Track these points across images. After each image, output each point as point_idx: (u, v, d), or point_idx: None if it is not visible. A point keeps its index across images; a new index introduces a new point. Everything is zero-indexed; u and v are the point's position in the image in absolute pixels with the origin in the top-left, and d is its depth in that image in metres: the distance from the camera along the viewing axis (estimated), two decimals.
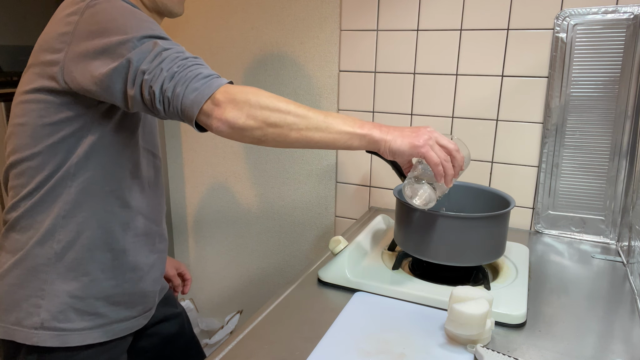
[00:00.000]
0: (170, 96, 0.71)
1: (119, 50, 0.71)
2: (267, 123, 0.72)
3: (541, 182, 1.25)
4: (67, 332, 0.84)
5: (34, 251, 0.82)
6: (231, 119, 0.70)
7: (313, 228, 1.59)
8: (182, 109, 0.71)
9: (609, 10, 1.11)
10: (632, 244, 1.05)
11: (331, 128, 0.75)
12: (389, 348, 0.75)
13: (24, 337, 0.83)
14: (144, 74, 0.71)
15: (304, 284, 0.98)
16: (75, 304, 0.84)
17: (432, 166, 0.78)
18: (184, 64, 0.71)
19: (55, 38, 0.76)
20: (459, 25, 1.26)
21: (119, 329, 0.91)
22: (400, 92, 1.37)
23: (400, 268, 1.00)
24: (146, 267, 0.94)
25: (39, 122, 0.79)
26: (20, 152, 0.81)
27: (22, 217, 0.83)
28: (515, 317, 0.82)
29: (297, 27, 1.45)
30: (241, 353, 0.76)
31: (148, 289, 0.96)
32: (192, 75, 0.71)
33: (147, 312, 0.98)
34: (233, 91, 0.71)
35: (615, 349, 0.77)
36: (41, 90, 0.78)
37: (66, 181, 0.81)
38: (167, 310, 1.11)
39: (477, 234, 0.90)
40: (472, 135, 1.31)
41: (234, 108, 0.70)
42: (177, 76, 0.70)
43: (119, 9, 0.74)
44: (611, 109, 1.15)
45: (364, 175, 1.47)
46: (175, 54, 0.72)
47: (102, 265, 0.86)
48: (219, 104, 0.70)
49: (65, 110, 0.79)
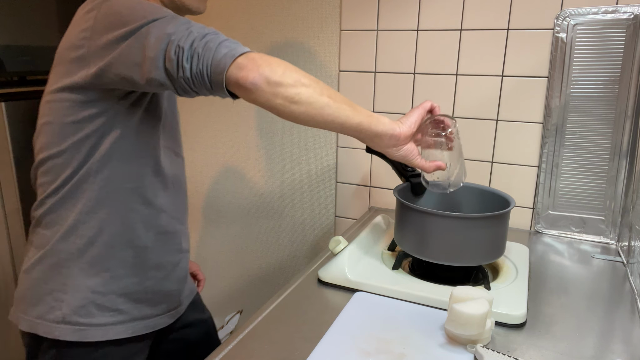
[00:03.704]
0: (200, 52, 0.70)
1: (142, 30, 0.71)
2: (301, 83, 0.72)
3: (541, 182, 1.25)
4: (87, 327, 0.85)
5: (58, 246, 0.84)
6: (268, 72, 0.70)
7: (313, 228, 1.59)
8: (212, 63, 0.70)
9: (609, 10, 1.11)
10: (632, 244, 1.05)
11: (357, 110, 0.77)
12: (389, 348, 0.75)
13: (46, 330, 0.84)
14: (170, 36, 0.70)
15: (304, 284, 0.98)
16: (97, 299, 0.86)
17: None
18: (213, 31, 0.72)
19: (76, 35, 0.77)
20: (459, 25, 1.26)
21: (140, 327, 0.92)
22: (400, 92, 1.37)
23: (400, 268, 1.00)
24: (170, 265, 0.94)
25: (63, 120, 0.81)
26: (47, 150, 0.83)
27: (47, 213, 0.85)
28: (515, 317, 0.82)
29: (297, 27, 1.45)
30: (241, 353, 0.76)
31: (172, 288, 0.96)
32: (223, 38, 0.71)
33: (171, 311, 0.98)
34: (260, 57, 0.71)
35: (615, 349, 0.77)
36: (65, 89, 0.80)
37: (89, 178, 0.83)
38: (194, 315, 1.10)
39: (477, 234, 0.90)
40: (472, 135, 1.31)
41: (269, 64, 0.70)
42: (208, 37, 0.70)
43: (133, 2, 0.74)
44: (611, 109, 1.15)
45: (364, 175, 1.47)
46: (201, 27, 0.72)
47: (124, 262, 0.88)
48: (254, 59, 0.70)
49: (88, 108, 0.80)
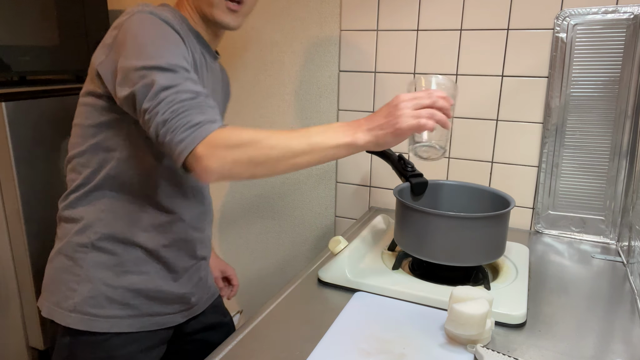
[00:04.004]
0: (162, 143, 0.74)
1: (132, 77, 0.75)
2: (253, 164, 0.72)
3: (541, 182, 1.25)
4: (96, 317, 0.89)
5: (74, 239, 0.90)
6: (215, 169, 0.71)
7: (313, 228, 1.59)
8: (172, 158, 0.74)
9: (609, 10, 1.11)
10: (632, 244, 1.05)
11: (316, 148, 0.73)
12: (389, 348, 0.75)
13: (60, 318, 0.90)
14: (145, 113, 0.74)
15: (304, 284, 0.98)
16: (107, 291, 0.89)
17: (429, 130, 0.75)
18: (176, 110, 0.72)
19: (100, 49, 0.83)
20: (459, 25, 1.26)
21: (149, 323, 0.93)
22: (400, 92, 1.36)
23: (400, 268, 1.00)
24: (182, 270, 0.97)
25: (85, 122, 0.88)
26: (73, 149, 0.90)
27: (69, 208, 0.91)
28: (515, 317, 0.82)
29: (297, 27, 1.45)
30: (241, 353, 0.76)
31: (184, 291, 0.98)
32: (181, 124, 0.72)
33: (184, 311, 1.00)
34: (215, 142, 0.71)
35: (615, 349, 0.77)
36: (90, 93, 0.86)
37: (107, 180, 0.88)
38: (215, 318, 1.12)
39: (477, 234, 0.90)
40: (472, 135, 1.31)
41: (216, 159, 0.71)
42: (167, 124, 0.72)
43: (144, 29, 0.77)
44: (611, 109, 1.15)
45: (364, 175, 1.47)
46: (173, 95, 0.73)
47: (135, 260, 0.91)
48: (201, 158, 0.71)
49: (105, 114, 0.86)
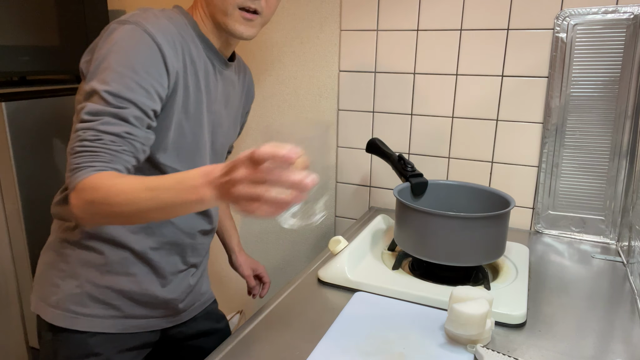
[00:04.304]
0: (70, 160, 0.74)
1: (81, 96, 0.78)
2: (110, 218, 0.72)
3: (541, 182, 1.25)
4: (78, 315, 0.88)
5: (63, 235, 0.90)
6: (83, 218, 0.73)
7: (313, 228, 1.59)
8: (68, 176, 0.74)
9: (609, 10, 1.11)
10: (632, 244, 1.05)
11: (165, 207, 0.66)
12: (389, 348, 0.75)
13: (44, 313, 0.90)
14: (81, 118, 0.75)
15: (304, 284, 0.98)
16: (91, 290, 0.89)
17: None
18: (70, 150, 0.74)
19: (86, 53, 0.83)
20: (459, 25, 1.26)
21: (132, 325, 0.93)
22: (400, 92, 1.37)
23: (400, 268, 1.00)
24: (170, 275, 0.95)
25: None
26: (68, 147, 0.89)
27: (60, 204, 0.92)
28: (515, 317, 0.82)
29: (297, 27, 1.45)
30: (241, 353, 0.76)
31: (170, 297, 0.96)
32: (67, 166, 0.74)
33: (170, 316, 0.99)
34: (79, 194, 0.71)
35: (615, 349, 0.77)
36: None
37: None
38: (208, 324, 1.10)
39: (477, 234, 0.90)
40: (472, 135, 1.31)
41: (81, 211, 0.71)
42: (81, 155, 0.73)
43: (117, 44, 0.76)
44: (611, 109, 1.15)
45: (364, 175, 1.47)
46: (79, 132, 0.73)
47: (122, 261, 0.90)
48: (73, 206, 0.72)
49: None
